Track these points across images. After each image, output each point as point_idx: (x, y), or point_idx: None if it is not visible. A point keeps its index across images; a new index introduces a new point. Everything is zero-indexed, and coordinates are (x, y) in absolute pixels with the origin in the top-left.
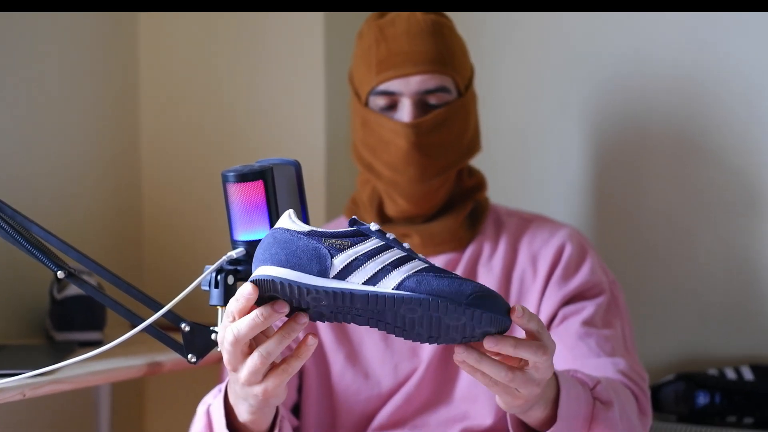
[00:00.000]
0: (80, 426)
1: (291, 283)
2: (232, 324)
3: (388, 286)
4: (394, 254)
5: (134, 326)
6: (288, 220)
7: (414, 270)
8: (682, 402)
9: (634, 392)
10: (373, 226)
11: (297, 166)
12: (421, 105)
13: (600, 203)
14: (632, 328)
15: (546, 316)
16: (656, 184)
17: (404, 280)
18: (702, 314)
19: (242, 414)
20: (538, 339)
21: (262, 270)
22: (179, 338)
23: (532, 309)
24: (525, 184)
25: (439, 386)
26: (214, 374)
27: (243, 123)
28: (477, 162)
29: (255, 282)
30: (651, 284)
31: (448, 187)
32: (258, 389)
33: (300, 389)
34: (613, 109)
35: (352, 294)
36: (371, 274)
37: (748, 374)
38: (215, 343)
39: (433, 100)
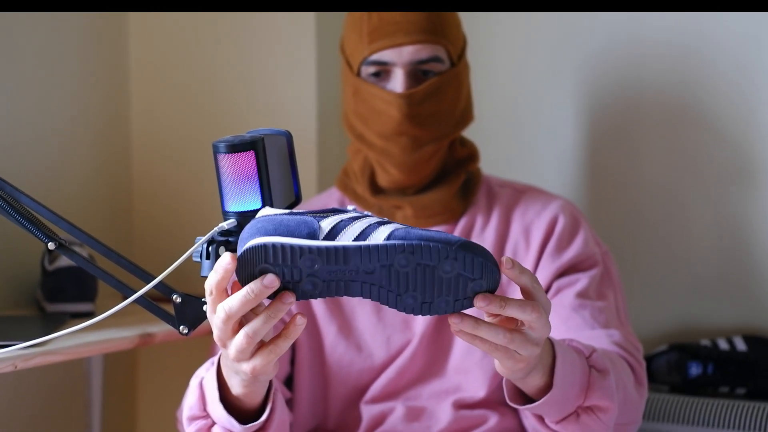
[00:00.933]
0: (72, 397)
1: (284, 245)
2: (224, 301)
3: (378, 238)
4: (375, 218)
5: (125, 297)
6: (266, 210)
7: (399, 226)
8: (674, 372)
9: (630, 363)
10: (350, 207)
11: (288, 137)
12: (414, 75)
13: (593, 174)
14: (625, 299)
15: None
16: (649, 153)
17: (393, 231)
18: (695, 285)
19: (235, 387)
20: (533, 296)
21: (250, 242)
22: (171, 309)
23: None
24: (518, 155)
25: (432, 359)
26: (206, 345)
27: (233, 93)
28: (469, 132)
29: (245, 252)
30: (644, 255)
31: (440, 157)
32: (246, 366)
33: (293, 361)
34: (606, 78)
35: (345, 249)
36: (359, 231)
37: (740, 345)
38: (206, 315)
39: (425, 69)
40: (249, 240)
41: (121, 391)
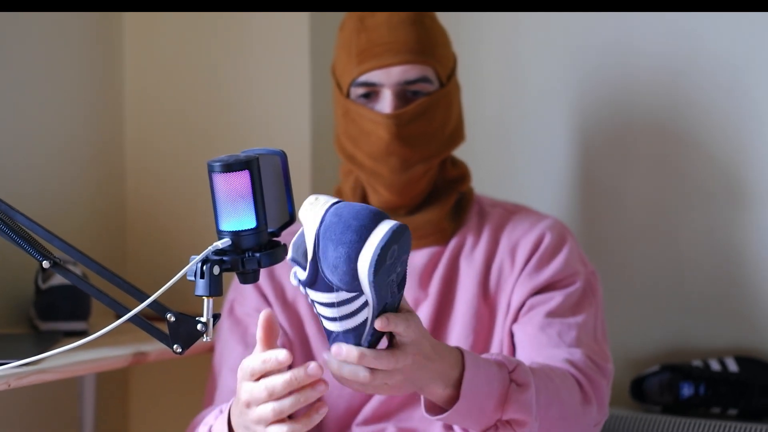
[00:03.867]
0: (64, 416)
1: None
2: (268, 379)
3: None
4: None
5: (119, 316)
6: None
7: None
8: (666, 393)
9: (579, 380)
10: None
11: (283, 157)
12: (402, 95)
13: (583, 193)
14: (605, 323)
15: (516, 304)
16: (640, 173)
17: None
18: (687, 305)
19: None
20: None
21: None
22: (164, 328)
23: (506, 298)
24: (509, 175)
25: None
26: (199, 365)
27: (228, 113)
28: (460, 151)
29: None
30: (635, 275)
31: (430, 177)
32: (260, 430)
33: None
34: (597, 99)
35: None
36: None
37: (732, 365)
38: (200, 334)
39: (414, 90)
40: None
41: (114, 409)
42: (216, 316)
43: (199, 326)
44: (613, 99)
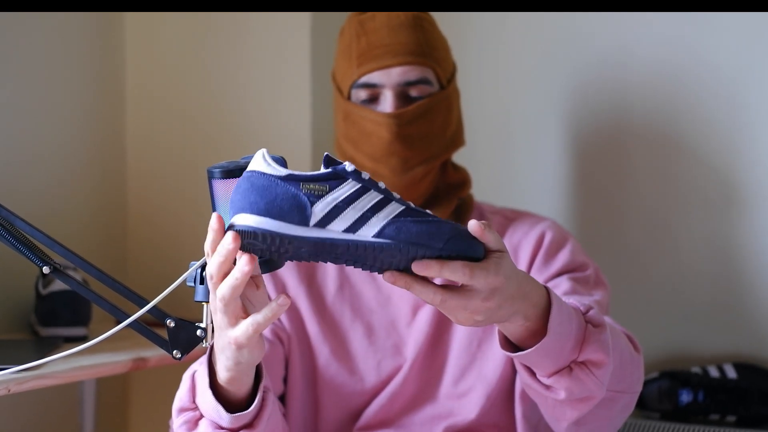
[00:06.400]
0: (64, 421)
1: (273, 234)
2: (217, 290)
3: (368, 234)
4: (371, 198)
5: (119, 322)
6: (263, 163)
7: (392, 215)
8: (665, 399)
9: (626, 333)
10: (349, 166)
11: (282, 162)
12: (403, 96)
13: (582, 200)
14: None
15: None
16: (638, 180)
17: (384, 227)
18: (685, 312)
19: (221, 372)
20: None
21: (241, 218)
22: (164, 334)
23: None
24: (506, 181)
25: (424, 384)
26: None
27: (229, 118)
28: (460, 158)
29: (236, 232)
30: (634, 281)
31: (431, 180)
32: (230, 334)
33: (286, 380)
34: (596, 106)
35: (333, 242)
36: (351, 222)
37: (731, 372)
38: (200, 339)
39: (414, 92)
40: (239, 212)
41: (114, 415)
42: None
43: (198, 332)
44: (612, 105)
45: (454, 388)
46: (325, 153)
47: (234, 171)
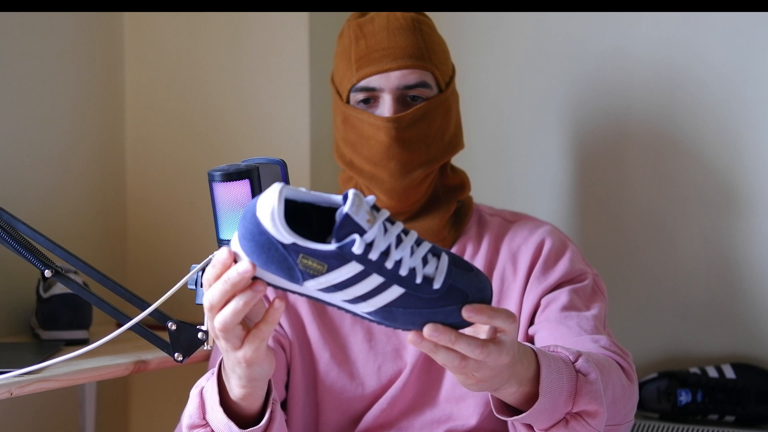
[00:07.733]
0: (65, 424)
1: (267, 284)
2: (217, 317)
3: (360, 309)
4: (371, 283)
5: (120, 324)
6: (270, 221)
7: (386, 303)
8: (664, 400)
9: (618, 361)
10: (358, 246)
11: (283, 165)
12: (402, 100)
13: (581, 202)
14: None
15: (529, 309)
16: (637, 181)
17: (376, 311)
18: (684, 313)
19: (234, 389)
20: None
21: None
22: (165, 337)
23: (513, 306)
24: (506, 183)
25: (424, 388)
26: (200, 373)
27: (228, 122)
28: (459, 161)
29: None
30: (632, 282)
31: (430, 183)
32: (239, 355)
33: (287, 386)
34: (594, 107)
35: (324, 302)
36: (343, 299)
37: (729, 373)
38: (201, 342)
39: (413, 95)
40: (239, 244)
41: (115, 417)
42: None
43: (199, 334)
44: (610, 107)
45: (453, 392)
46: (353, 192)
47: (234, 174)
